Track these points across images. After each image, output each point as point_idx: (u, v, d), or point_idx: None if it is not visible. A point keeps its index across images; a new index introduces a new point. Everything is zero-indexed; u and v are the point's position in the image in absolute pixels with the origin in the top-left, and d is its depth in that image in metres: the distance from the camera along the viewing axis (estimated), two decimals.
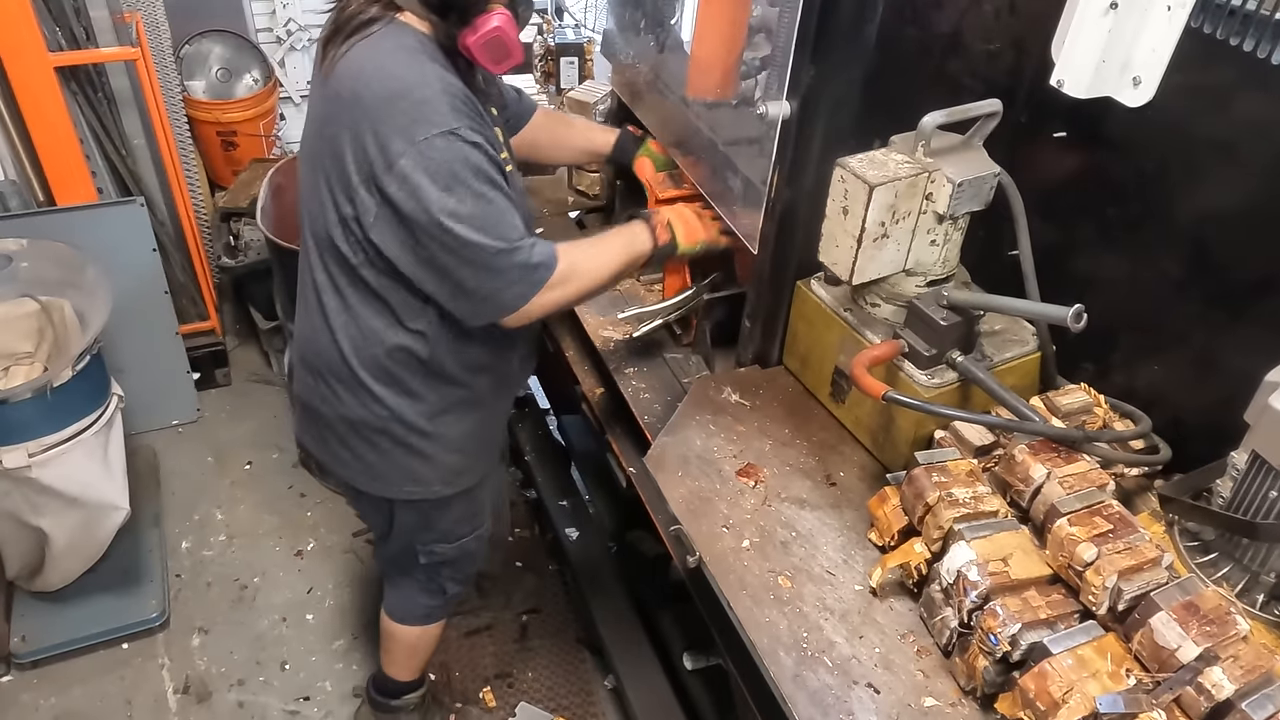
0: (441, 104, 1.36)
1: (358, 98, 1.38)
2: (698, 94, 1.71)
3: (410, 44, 1.41)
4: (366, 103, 1.37)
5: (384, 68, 1.39)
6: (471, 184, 1.37)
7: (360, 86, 1.38)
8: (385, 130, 1.35)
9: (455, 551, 1.91)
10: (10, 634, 2.44)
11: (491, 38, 1.41)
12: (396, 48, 1.41)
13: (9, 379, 2.44)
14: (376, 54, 1.40)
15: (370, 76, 1.38)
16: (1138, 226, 1.44)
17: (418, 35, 1.43)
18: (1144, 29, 1.13)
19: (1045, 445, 1.29)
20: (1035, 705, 1.06)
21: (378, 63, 1.39)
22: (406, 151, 1.34)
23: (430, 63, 1.41)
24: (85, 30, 2.66)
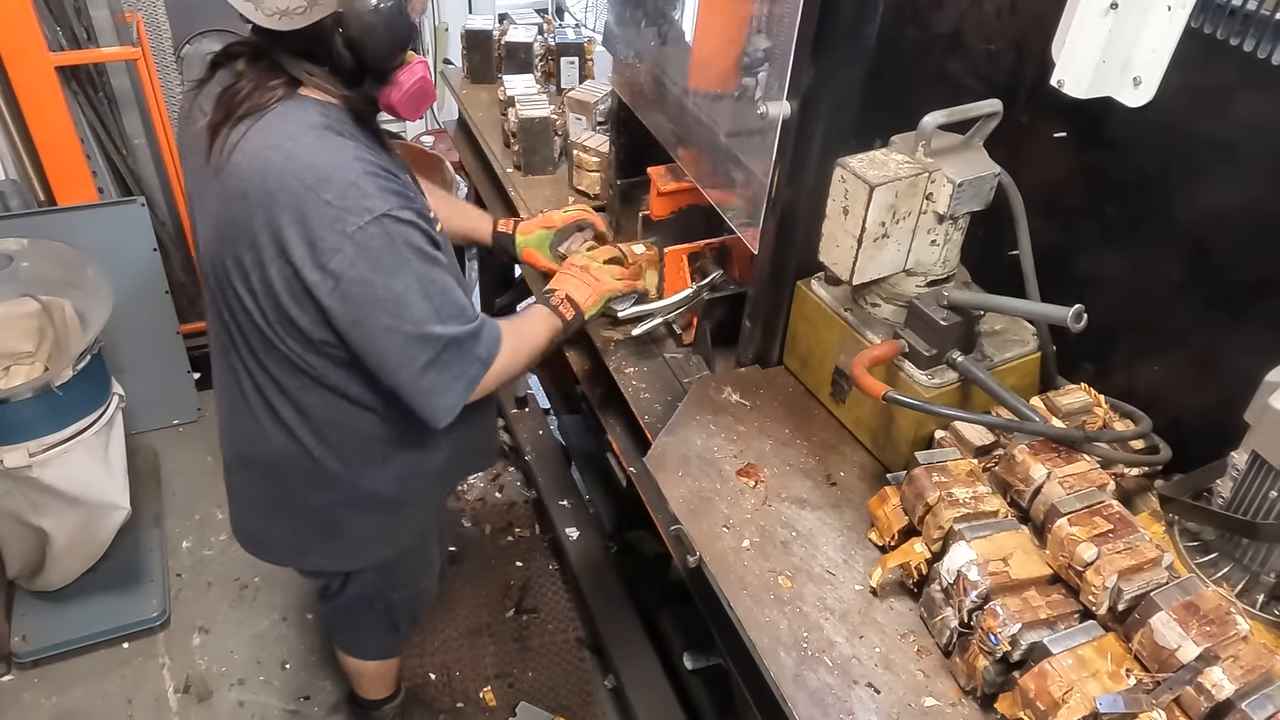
0: (369, 185, 1.23)
1: (269, 195, 1.21)
2: (700, 86, 1.71)
3: (315, 120, 1.25)
4: (282, 200, 1.21)
5: (294, 155, 1.22)
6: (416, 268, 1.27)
7: (270, 182, 1.21)
8: (311, 227, 1.21)
9: (410, 594, 1.91)
10: (11, 633, 2.44)
11: (416, 91, 1.32)
12: (301, 129, 1.24)
13: (10, 378, 2.44)
14: (281, 139, 1.23)
15: (280, 168, 1.21)
16: (1138, 226, 1.44)
17: (320, 108, 1.28)
18: (1144, 29, 1.13)
19: (1045, 445, 1.29)
20: (1035, 705, 1.06)
21: (285, 151, 1.22)
22: (341, 247, 1.21)
23: (341, 139, 1.26)
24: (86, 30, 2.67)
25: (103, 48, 2.69)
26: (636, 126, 2.02)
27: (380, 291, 1.25)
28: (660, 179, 1.91)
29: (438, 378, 1.34)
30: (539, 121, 2.41)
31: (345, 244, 1.21)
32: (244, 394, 1.50)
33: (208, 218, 1.34)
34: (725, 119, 1.65)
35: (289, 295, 1.28)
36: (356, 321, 1.28)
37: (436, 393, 1.35)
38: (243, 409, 1.52)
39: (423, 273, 1.28)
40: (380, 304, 1.26)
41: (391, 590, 1.85)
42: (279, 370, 1.42)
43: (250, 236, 1.25)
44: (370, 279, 1.24)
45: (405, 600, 1.90)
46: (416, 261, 1.27)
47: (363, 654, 2.05)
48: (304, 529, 1.63)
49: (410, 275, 1.27)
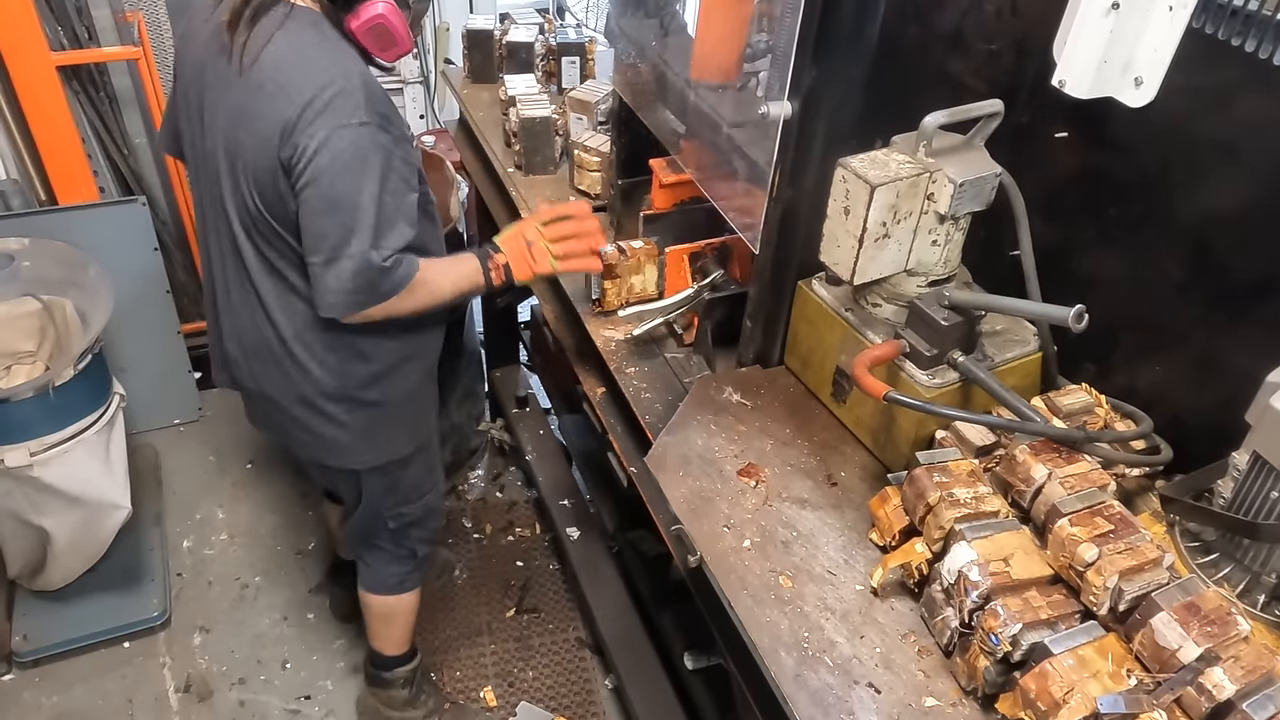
0: (357, 95, 1.41)
1: (281, 89, 1.42)
2: (702, 77, 1.70)
3: (330, 34, 1.47)
4: (290, 94, 1.41)
5: (310, 60, 1.43)
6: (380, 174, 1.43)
7: (284, 78, 1.42)
8: (305, 113, 1.39)
9: (420, 510, 1.99)
10: (12, 633, 2.44)
11: (375, 24, 1.47)
12: (319, 39, 1.46)
13: (11, 378, 2.44)
14: (301, 45, 1.44)
15: (294, 68, 1.43)
16: (1139, 227, 1.44)
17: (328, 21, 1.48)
18: (1146, 29, 1.13)
19: (1046, 445, 1.29)
20: (1036, 705, 1.06)
21: (304, 55, 1.44)
22: (317, 134, 1.39)
23: (348, 54, 1.47)
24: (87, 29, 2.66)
25: (104, 47, 2.69)
26: (637, 126, 2.02)
27: (333, 185, 1.40)
28: (662, 171, 1.91)
29: (335, 281, 1.46)
30: (540, 121, 2.41)
31: (326, 134, 1.38)
32: (241, 285, 1.63)
33: (225, 113, 1.50)
34: (728, 110, 1.64)
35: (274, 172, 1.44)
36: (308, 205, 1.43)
37: (327, 291, 1.47)
38: (242, 300, 1.65)
39: (377, 188, 1.42)
40: (326, 195, 1.41)
41: (400, 504, 1.93)
42: (275, 255, 1.56)
43: (259, 122, 1.43)
44: (329, 170, 1.40)
45: (417, 518, 1.98)
46: (377, 176, 1.42)
47: (384, 585, 2.10)
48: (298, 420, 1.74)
49: (365, 186, 1.42)
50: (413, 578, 2.13)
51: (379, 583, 2.11)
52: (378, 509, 1.93)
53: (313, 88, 1.40)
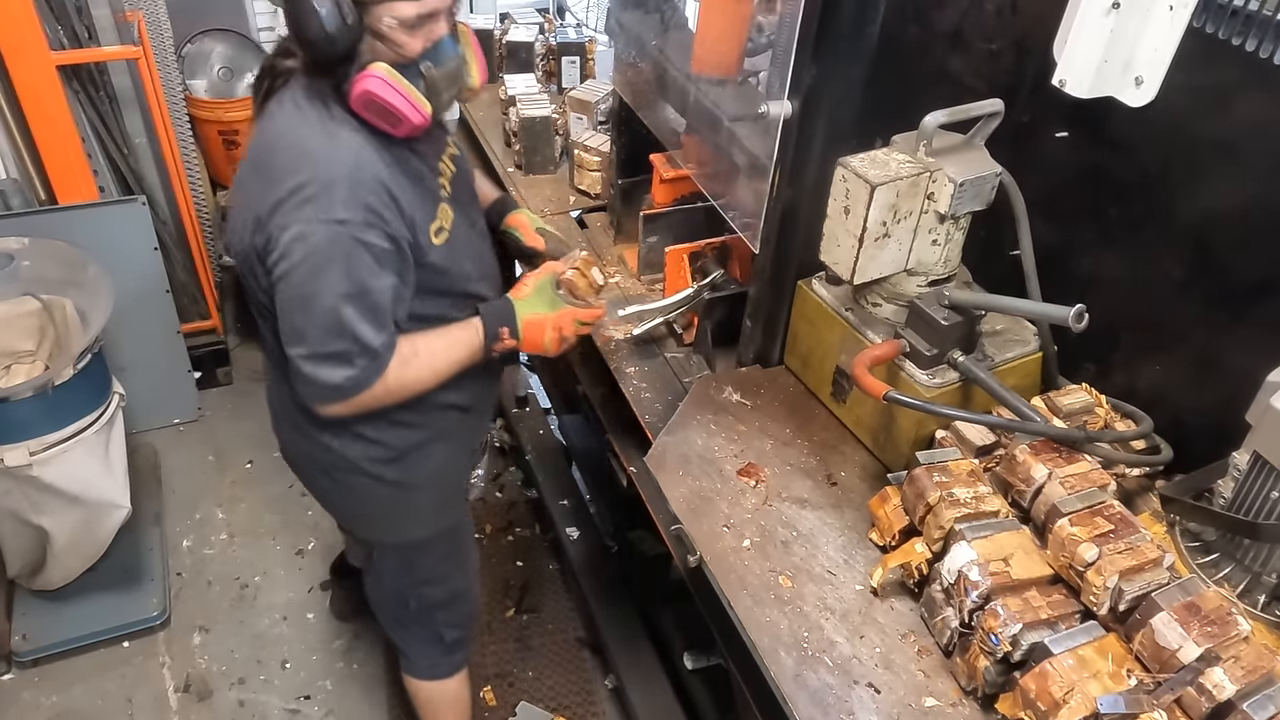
0: (339, 190, 1.30)
1: (266, 167, 1.34)
2: (703, 71, 1.70)
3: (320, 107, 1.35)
4: (273, 172, 1.33)
5: (298, 140, 1.34)
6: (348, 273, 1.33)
7: (270, 155, 1.35)
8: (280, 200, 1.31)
9: (444, 594, 1.85)
10: (11, 632, 2.44)
11: (364, 99, 1.31)
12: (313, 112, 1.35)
13: (10, 377, 2.44)
14: (291, 122, 1.35)
15: (282, 149, 1.34)
16: (1139, 226, 1.44)
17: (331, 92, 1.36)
18: (1146, 29, 1.13)
19: (1046, 445, 1.29)
20: (1036, 705, 1.06)
21: (293, 133, 1.35)
22: (289, 226, 1.30)
23: (341, 131, 1.34)
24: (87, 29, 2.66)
25: (104, 47, 2.69)
26: (637, 126, 2.02)
27: (300, 282, 1.33)
28: (662, 166, 1.91)
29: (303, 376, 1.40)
30: (540, 121, 2.40)
31: (299, 230, 1.30)
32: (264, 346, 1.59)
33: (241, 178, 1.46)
34: (728, 106, 1.64)
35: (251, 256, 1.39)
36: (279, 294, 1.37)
37: (300, 384, 1.41)
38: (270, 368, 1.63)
39: (343, 286, 1.33)
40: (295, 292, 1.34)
41: (421, 585, 1.81)
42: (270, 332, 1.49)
43: (247, 200, 1.37)
44: (299, 267, 1.32)
45: (441, 601, 1.84)
46: (344, 275, 1.33)
47: (416, 669, 1.96)
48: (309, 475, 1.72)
49: (332, 286, 1.33)
50: (444, 664, 1.96)
51: (411, 665, 1.97)
52: (397, 585, 1.82)
53: (292, 177, 1.31)
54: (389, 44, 1.32)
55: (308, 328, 1.36)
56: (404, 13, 1.30)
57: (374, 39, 1.31)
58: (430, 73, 1.37)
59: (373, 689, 2.43)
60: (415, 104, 1.34)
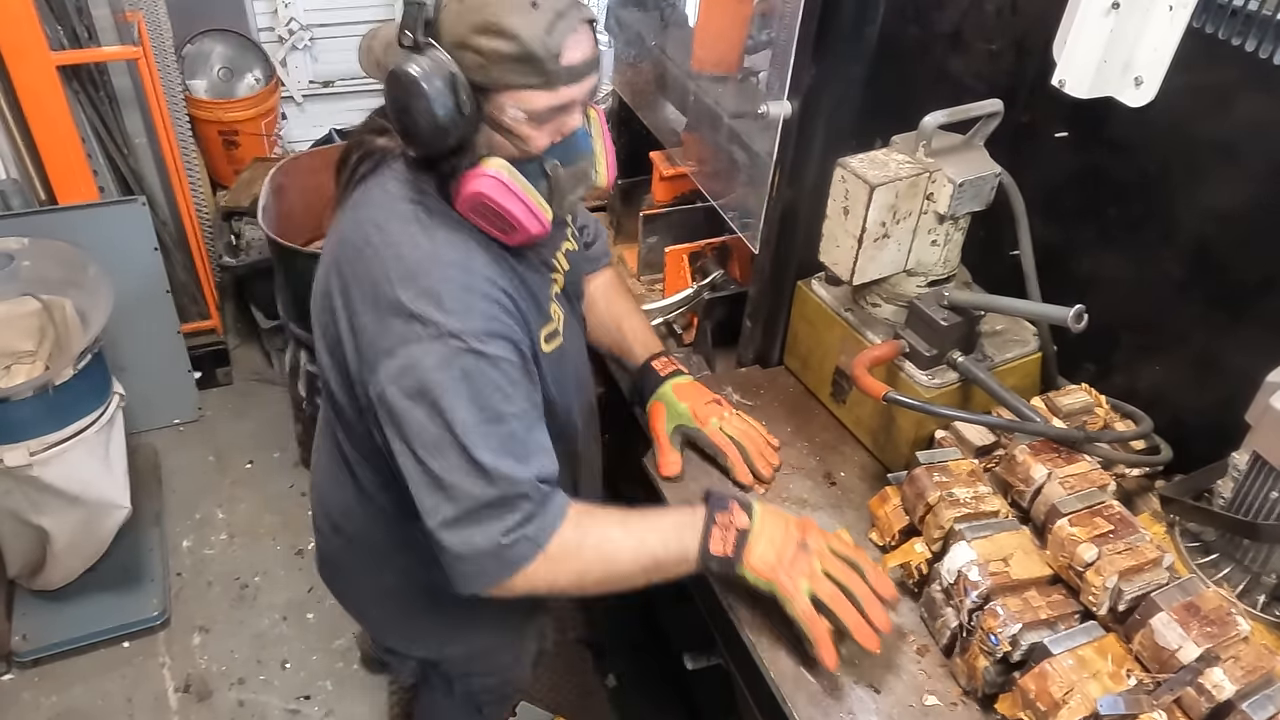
0: (451, 298, 1.07)
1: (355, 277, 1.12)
2: (703, 68, 1.70)
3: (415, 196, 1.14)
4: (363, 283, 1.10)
5: (388, 242, 1.10)
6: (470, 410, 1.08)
7: (358, 263, 1.12)
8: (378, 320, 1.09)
9: (496, 680, 1.71)
10: (11, 632, 2.44)
11: (475, 203, 1.10)
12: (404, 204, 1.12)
13: (10, 377, 2.44)
14: (382, 216, 1.12)
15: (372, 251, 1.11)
16: (1139, 227, 1.44)
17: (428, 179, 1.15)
18: (1146, 29, 1.13)
19: (1046, 445, 1.29)
20: (1036, 706, 1.06)
21: (383, 231, 1.11)
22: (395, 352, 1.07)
23: (440, 229, 1.12)
24: (87, 29, 2.66)
25: (104, 47, 2.69)
26: (637, 126, 2.02)
27: (420, 419, 1.07)
28: (662, 163, 1.91)
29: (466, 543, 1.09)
30: None
31: (400, 350, 1.07)
32: (328, 440, 1.36)
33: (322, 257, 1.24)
34: (728, 103, 1.64)
35: (347, 380, 1.18)
36: (390, 438, 1.11)
37: (460, 558, 1.10)
38: (327, 469, 1.38)
39: (483, 413, 1.07)
40: (415, 433, 1.08)
41: (473, 676, 1.64)
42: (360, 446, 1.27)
43: (332, 308, 1.15)
44: (412, 402, 1.07)
45: (490, 687, 1.69)
46: (475, 398, 1.07)
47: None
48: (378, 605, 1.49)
49: (463, 412, 1.06)
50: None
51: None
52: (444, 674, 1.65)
53: (390, 288, 1.08)
54: (510, 138, 1.09)
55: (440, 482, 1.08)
56: (535, 104, 1.07)
57: (492, 130, 1.09)
58: (556, 172, 1.14)
59: (373, 689, 2.43)
60: (535, 210, 1.12)
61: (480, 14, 1.02)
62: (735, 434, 1.46)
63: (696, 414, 1.47)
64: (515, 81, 1.05)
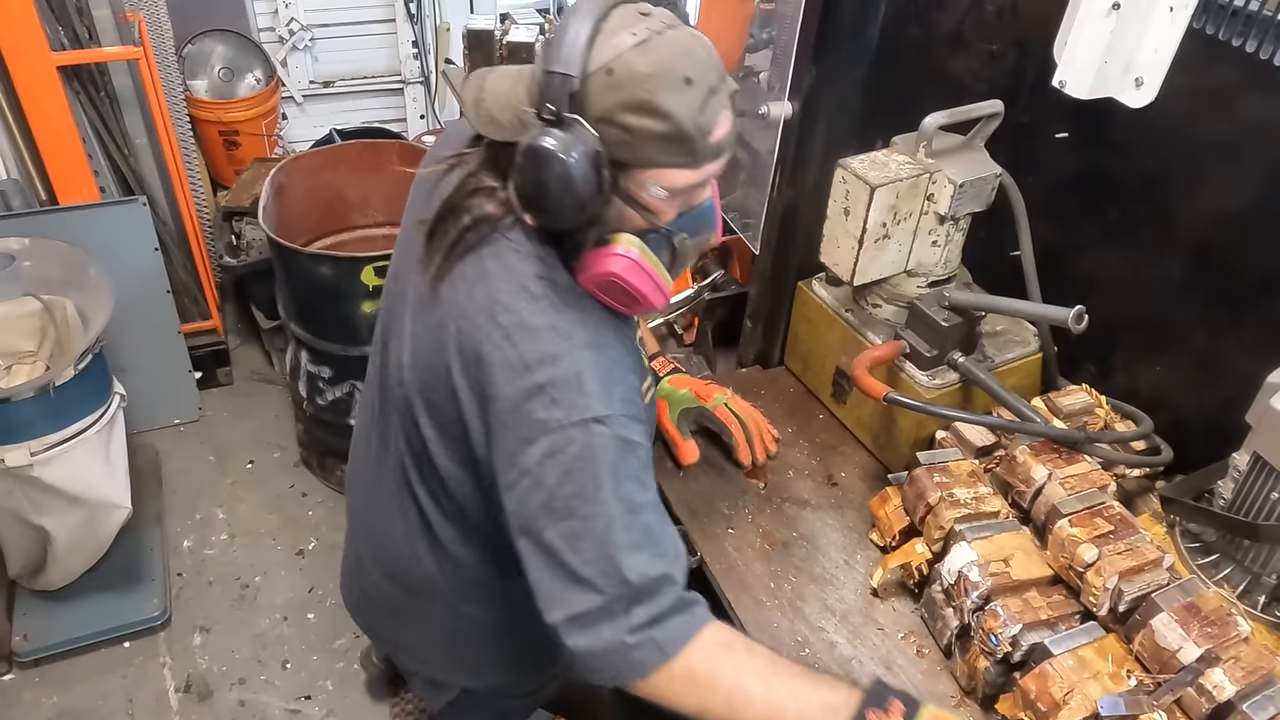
0: (593, 381, 1.00)
1: (481, 358, 1.03)
2: None
3: (537, 270, 1.05)
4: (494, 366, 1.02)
5: (523, 321, 1.02)
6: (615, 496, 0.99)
7: (486, 345, 1.02)
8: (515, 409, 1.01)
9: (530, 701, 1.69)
10: (12, 632, 2.44)
11: (605, 282, 1.04)
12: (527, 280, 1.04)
13: (11, 378, 2.44)
14: (506, 297, 1.03)
15: (501, 333, 1.02)
16: (1139, 227, 1.44)
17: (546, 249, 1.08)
18: (1146, 30, 1.13)
19: (1046, 446, 1.29)
20: (1036, 706, 1.06)
21: (511, 312, 1.02)
22: (536, 440, 1.00)
23: (567, 307, 1.04)
24: (88, 29, 2.66)
25: (104, 47, 2.68)
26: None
27: (559, 507, 0.99)
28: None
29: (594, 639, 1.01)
30: None
31: (541, 439, 1.00)
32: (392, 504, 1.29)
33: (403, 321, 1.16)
34: None
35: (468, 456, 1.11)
36: (522, 528, 1.03)
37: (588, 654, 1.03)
38: (389, 518, 1.31)
39: (623, 504, 1.00)
40: (554, 521, 1.00)
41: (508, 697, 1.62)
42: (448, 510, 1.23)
43: (450, 385, 1.08)
44: (555, 489, 0.99)
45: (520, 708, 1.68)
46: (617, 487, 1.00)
47: None
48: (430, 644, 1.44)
49: (604, 502, 0.99)
50: None
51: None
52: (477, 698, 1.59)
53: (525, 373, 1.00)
54: (643, 213, 1.04)
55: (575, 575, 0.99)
56: (678, 182, 1.02)
57: (624, 203, 1.03)
58: (683, 245, 1.09)
59: (373, 689, 2.43)
60: (662, 286, 1.06)
61: (632, 91, 0.96)
62: (740, 411, 1.50)
63: (698, 393, 1.51)
64: (662, 160, 1.00)
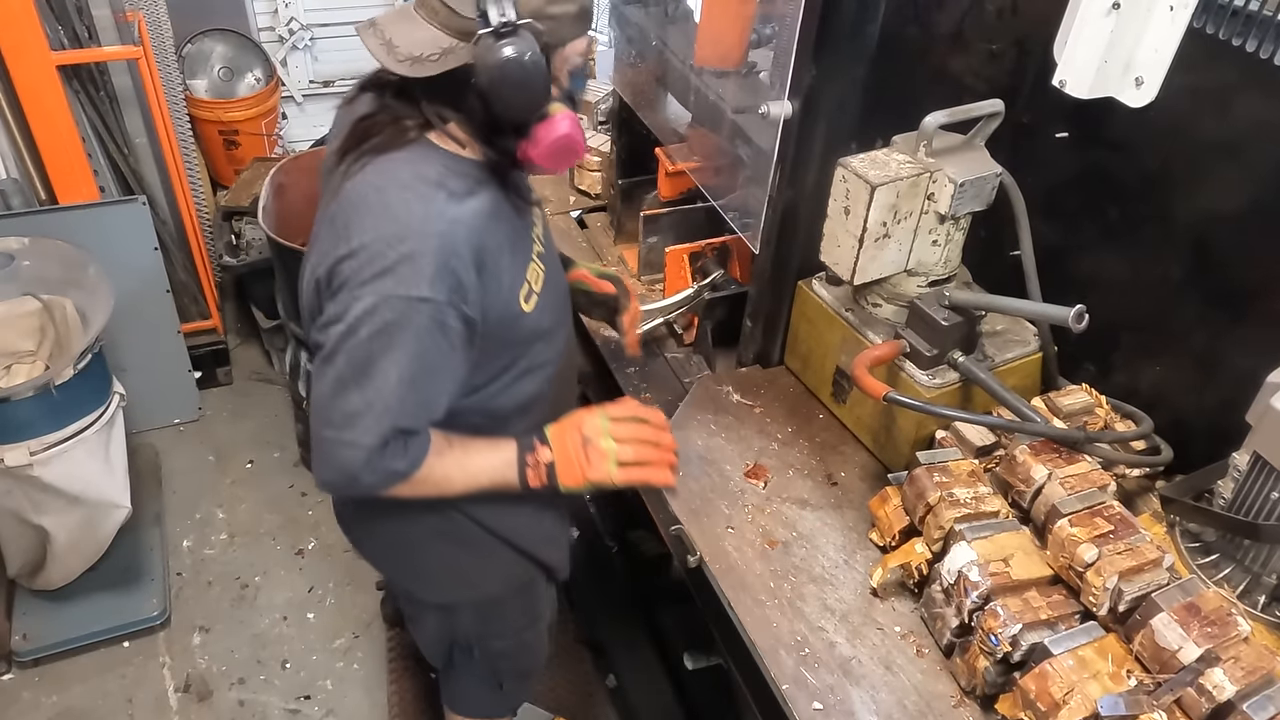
0: (427, 266, 1.17)
1: (348, 228, 1.20)
2: (706, 63, 1.70)
3: (429, 174, 1.22)
4: (353, 235, 1.19)
5: (389, 205, 1.20)
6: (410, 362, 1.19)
7: (356, 218, 1.20)
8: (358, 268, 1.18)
9: (513, 646, 1.77)
10: (12, 632, 2.44)
11: (559, 147, 1.23)
12: (413, 179, 1.22)
13: (11, 377, 2.44)
14: (387, 182, 1.22)
15: (369, 208, 1.21)
16: (1140, 227, 1.44)
17: (444, 161, 1.24)
18: (1146, 29, 1.13)
19: (1046, 446, 1.29)
20: (1036, 706, 1.06)
21: (385, 196, 1.21)
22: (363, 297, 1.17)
23: (446, 202, 1.20)
24: (88, 29, 2.66)
25: (104, 47, 2.69)
26: (638, 126, 2.02)
27: (357, 357, 1.19)
28: (668, 159, 1.90)
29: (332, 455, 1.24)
30: None
31: (366, 296, 1.17)
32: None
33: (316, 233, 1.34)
34: (731, 98, 1.64)
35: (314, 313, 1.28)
36: (322, 359, 1.22)
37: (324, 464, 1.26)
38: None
39: (413, 370, 1.20)
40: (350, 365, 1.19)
41: (490, 638, 1.72)
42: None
43: (320, 251, 1.26)
44: (360, 340, 1.18)
45: (505, 651, 1.77)
46: (416, 357, 1.20)
47: (465, 706, 1.90)
48: (398, 548, 1.58)
49: (398, 363, 1.19)
50: (502, 707, 1.89)
51: (459, 701, 1.89)
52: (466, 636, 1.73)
53: (378, 238, 1.17)
54: (556, 82, 1.23)
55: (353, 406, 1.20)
56: (581, 49, 1.24)
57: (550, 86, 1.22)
58: (579, 96, 1.30)
59: (373, 689, 2.43)
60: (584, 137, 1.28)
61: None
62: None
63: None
64: (574, 34, 1.21)
